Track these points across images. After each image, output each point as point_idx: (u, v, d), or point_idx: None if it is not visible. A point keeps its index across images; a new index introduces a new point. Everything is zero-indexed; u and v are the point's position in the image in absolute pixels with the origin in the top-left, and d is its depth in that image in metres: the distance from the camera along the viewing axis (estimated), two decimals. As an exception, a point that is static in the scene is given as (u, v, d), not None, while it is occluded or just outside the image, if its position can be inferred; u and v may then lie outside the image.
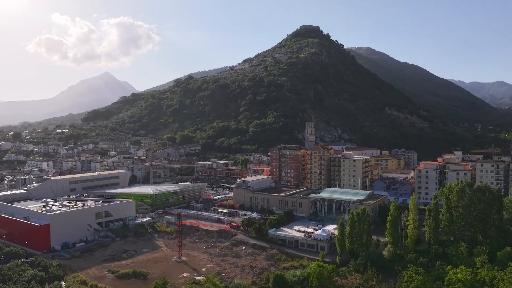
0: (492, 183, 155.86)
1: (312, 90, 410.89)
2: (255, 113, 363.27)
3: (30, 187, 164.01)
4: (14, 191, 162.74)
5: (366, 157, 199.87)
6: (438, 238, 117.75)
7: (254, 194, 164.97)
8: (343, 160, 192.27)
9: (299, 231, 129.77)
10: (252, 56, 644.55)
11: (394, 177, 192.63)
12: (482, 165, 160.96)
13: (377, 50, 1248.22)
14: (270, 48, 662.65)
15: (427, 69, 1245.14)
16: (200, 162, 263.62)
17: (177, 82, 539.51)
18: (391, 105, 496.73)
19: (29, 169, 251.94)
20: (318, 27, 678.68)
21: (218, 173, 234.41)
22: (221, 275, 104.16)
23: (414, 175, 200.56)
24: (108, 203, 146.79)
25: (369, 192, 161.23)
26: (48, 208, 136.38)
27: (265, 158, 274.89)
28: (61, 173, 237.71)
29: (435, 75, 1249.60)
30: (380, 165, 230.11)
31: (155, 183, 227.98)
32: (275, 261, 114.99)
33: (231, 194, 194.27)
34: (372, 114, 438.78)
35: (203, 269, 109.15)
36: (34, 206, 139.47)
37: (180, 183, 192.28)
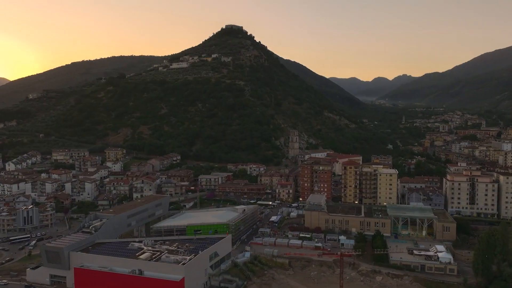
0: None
1: (272, 95, 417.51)
2: (224, 119, 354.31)
3: (92, 227, 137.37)
4: (77, 235, 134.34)
5: (395, 171, 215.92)
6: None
7: (331, 216, 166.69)
8: (380, 175, 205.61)
9: (415, 254, 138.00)
10: (175, 52, 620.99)
11: (416, 187, 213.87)
12: (508, 178, 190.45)
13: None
14: (196, 45, 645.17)
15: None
16: (205, 176, 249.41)
17: (109, 80, 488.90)
18: (324, 107, 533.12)
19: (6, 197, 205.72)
20: (242, 27, 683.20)
21: (240, 189, 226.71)
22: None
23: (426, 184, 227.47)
24: (213, 242, 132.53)
25: (430, 206, 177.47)
26: (166, 256, 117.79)
27: (262, 169, 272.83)
28: (51, 198, 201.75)
29: (312, 71, 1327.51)
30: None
31: (173, 204, 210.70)
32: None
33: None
34: (317, 117, 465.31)
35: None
36: (144, 255, 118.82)
37: (237, 207, 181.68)
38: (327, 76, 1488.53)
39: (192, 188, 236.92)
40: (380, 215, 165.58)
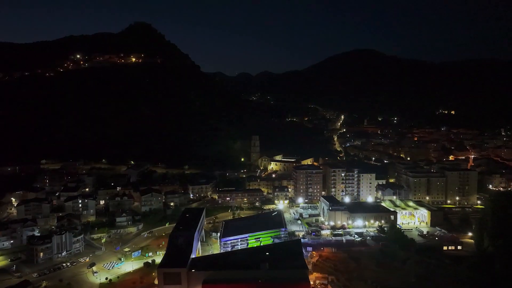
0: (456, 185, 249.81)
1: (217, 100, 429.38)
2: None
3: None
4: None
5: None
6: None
7: (352, 214, 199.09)
8: (362, 176, 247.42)
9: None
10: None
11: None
12: (452, 173, 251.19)
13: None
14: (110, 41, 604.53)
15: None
16: (196, 186, 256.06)
17: None
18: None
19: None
20: (150, 24, 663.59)
21: (251, 196, 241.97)
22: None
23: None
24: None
25: (413, 199, 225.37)
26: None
27: (236, 174, 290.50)
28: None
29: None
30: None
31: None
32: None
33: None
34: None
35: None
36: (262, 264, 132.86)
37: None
38: (213, 71, 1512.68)
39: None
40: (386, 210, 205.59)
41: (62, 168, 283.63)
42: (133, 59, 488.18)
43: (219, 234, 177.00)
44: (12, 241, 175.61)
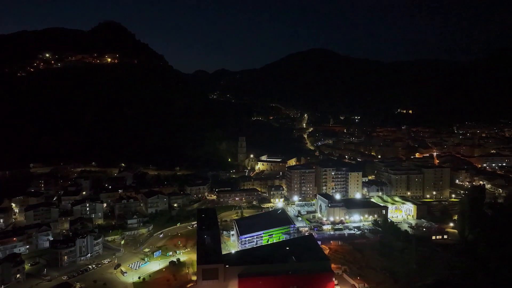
0: (432, 180, 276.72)
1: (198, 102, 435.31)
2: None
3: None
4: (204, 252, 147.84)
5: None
6: None
7: (348, 210, 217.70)
8: (350, 174, 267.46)
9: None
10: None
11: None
12: (428, 170, 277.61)
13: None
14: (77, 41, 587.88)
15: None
16: (193, 188, 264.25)
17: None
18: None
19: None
20: (120, 23, 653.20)
21: (250, 195, 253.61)
22: None
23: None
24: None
25: (406, 196, 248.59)
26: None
27: (227, 174, 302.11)
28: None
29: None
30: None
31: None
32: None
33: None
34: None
35: None
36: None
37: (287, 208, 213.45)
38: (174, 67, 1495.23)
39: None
40: (378, 205, 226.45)
41: (53, 172, 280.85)
42: (109, 60, 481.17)
43: (232, 232, 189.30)
44: (28, 246, 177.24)
